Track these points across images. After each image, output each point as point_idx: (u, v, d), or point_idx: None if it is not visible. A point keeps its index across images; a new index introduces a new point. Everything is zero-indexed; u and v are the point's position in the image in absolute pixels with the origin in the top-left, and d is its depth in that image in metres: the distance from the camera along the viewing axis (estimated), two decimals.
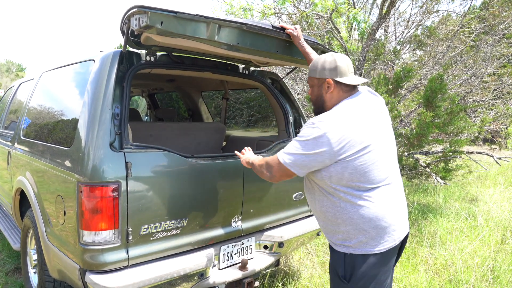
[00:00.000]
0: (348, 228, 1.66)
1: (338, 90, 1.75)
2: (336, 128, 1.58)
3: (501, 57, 7.25)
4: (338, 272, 1.72)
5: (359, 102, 1.73)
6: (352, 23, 6.96)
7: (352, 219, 1.64)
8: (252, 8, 6.38)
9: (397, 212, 1.71)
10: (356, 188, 1.62)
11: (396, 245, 1.71)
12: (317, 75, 1.78)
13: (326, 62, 1.76)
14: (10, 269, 3.42)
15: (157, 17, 1.70)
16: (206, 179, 2.25)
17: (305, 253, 3.66)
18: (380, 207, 1.64)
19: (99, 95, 1.97)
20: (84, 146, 1.92)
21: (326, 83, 1.75)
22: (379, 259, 1.67)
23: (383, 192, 1.66)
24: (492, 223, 4.47)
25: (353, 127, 1.61)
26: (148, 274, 1.93)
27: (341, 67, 1.73)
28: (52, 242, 2.21)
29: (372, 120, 1.70)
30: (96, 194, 1.84)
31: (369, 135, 1.63)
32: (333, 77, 1.73)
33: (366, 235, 1.64)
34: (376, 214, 1.63)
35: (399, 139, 5.70)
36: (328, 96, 1.77)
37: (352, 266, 1.68)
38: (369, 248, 1.65)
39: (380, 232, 1.65)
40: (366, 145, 1.61)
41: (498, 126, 7.77)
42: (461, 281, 3.06)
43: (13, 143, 3.16)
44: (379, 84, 5.45)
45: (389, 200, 1.69)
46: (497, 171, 8.17)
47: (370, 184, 1.63)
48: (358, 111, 1.68)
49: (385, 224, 1.65)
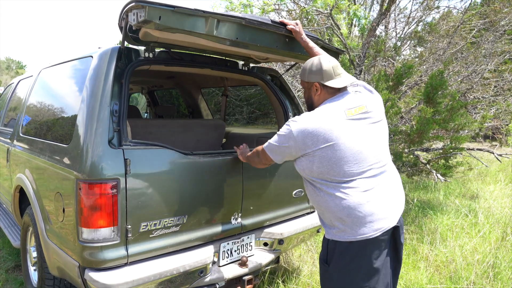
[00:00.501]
0: (329, 215, 1.78)
1: (324, 92, 1.87)
2: (302, 126, 1.73)
3: (502, 53, 7.22)
4: (322, 255, 1.86)
5: (338, 103, 1.81)
6: (352, 19, 6.94)
7: (330, 207, 1.75)
8: (252, 5, 6.35)
9: (378, 205, 1.73)
10: (329, 180, 1.73)
11: (376, 237, 1.71)
12: (306, 79, 1.91)
13: (313, 66, 1.87)
14: (10, 267, 3.42)
15: (155, 11, 1.68)
16: (206, 176, 2.24)
17: (305, 250, 3.66)
18: (354, 198, 1.70)
19: (98, 92, 1.96)
20: (82, 143, 1.91)
21: (314, 86, 1.88)
22: (357, 248, 1.72)
23: (360, 185, 1.71)
24: (492, 220, 4.47)
25: (319, 125, 1.71)
26: (148, 272, 1.93)
27: (326, 71, 1.83)
28: (51, 240, 2.20)
29: (345, 119, 1.75)
30: (95, 191, 1.83)
31: (337, 133, 1.70)
32: (319, 81, 1.85)
33: (343, 223, 1.73)
34: (349, 204, 1.70)
35: (399, 136, 5.69)
36: (316, 98, 1.90)
37: (332, 252, 1.79)
38: (347, 236, 1.73)
39: (355, 221, 1.70)
40: (332, 142, 1.69)
41: (499, 123, 7.74)
42: (462, 278, 3.05)
43: (12, 141, 3.15)
44: (380, 80, 5.43)
45: (367, 192, 1.72)
46: (497, 168, 8.16)
47: (342, 177, 1.71)
48: (331, 111, 1.77)
49: (360, 214, 1.69)
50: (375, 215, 1.71)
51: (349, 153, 1.71)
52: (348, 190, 1.71)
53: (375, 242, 1.73)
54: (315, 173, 1.76)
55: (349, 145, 1.71)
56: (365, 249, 1.73)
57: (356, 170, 1.71)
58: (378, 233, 1.72)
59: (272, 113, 7.05)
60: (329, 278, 1.82)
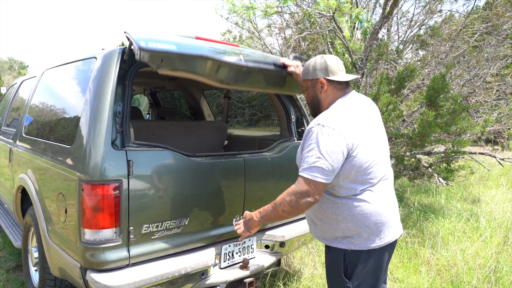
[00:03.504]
0: (348, 224, 1.69)
1: (331, 88, 1.82)
2: (343, 125, 1.65)
3: (505, 57, 7.21)
4: (339, 270, 1.73)
5: (353, 101, 1.80)
6: (355, 22, 6.94)
7: (353, 215, 1.68)
8: (255, 7, 6.36)
9: (393, 209, 1.79)
10: (360, 182, 1.67)
11: (394, 240, 1.78)
12: (310, 77, 1.85)
13: (317, 63, 1.83)
14: (11, 267, 3.43)
15: (158, 57, 1.72)
16: (208, 178, 2.24)
17: (306, 253, 3.65)
18: (380, 202, 1.70)
19: (101, 93, 1.97)
20: (85, 144, 1.91)
21: (319, 83, 1.82)
22: (379, 254, 1.74)
23: (382, 188, 1.73)
24: (494, 224, 4.45)
25: (354, 124, 1.68)
26: (149, 273, 1.93)
27: (332, 66, 1.80)
28: (53, 240, 2.20)
29: (367, 119, 1.78)
30: (98, 192, 1.83)
31: (366, 133, 1.71)
32: (325, 76, 1.80)
33: (368, 230, 1.69)
34: (376, 209, 1.69)
35: (401, 139, 5.68)
36: (323, 96, 1.83)
37: (354, 262, 1.71)
38: (370, 243, 1.70)
39: (380, 227, 1.70)
40: (367, 142, 1.69)
41: (501, 127, 7.73)
42: (463, 283, 3.04)
43: (15, 141, 3.16)
44: (382, 83, 5.43)
45: (387, 196, 1.76)
46: (499, 172, 8.14)
47: (372, 179, 1.69)
48: (354, 110, 1.76)
49: (385, 219, 1.71)
50: (392, 220, 1.76)
51: (377, 154, 1.72)
52: (373, 194, 1.68)
53: (392, 245, 1.80)
54: (351, 176, 1.65)
55: (376, 145, 1.74)
56: (385, 253, 1.77)
57: (380, 172, 1.73)
58: (397, 236, 1.79)
59: (274, 116, 7.06)
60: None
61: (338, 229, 1.73)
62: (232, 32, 10.16)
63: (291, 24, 7.17)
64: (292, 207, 1.66)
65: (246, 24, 7.84)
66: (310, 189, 1.61)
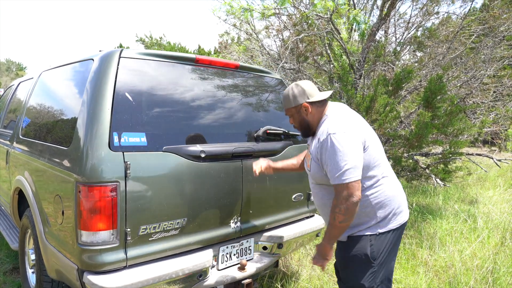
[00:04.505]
0: (378, 211, 1.88)
1: (315, 108, 1.99)
2: (350, 126, 1.83)
3: (501, 59, 7.25)
4: (366, 255, 1.87)
5: (340, 108, 1.99)
6: (352, 24, 6.96)
7: (380, 201, 1.88)
8: (252, 9, 6.37)
9: (402, 192, 2.05)
10: (380, 174, 1.89)
11: (407, 220, 2.04)
12: (293, 104, 2.01)
13: (295, 91, 2.00)
14: (8, 269, 3.41)
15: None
16: (205, 179, 2.24)
17: (304, 254, 3.65)
18: (396, 187, 1.98)
19: (98, 95, 1.96)
20: (82, 146, 1.91)
21: (302, 107, 1.99)
22: (398, 233, 1.98)
23: (391, 175, 1.99)
24: (491, 225, 4.47)
25: (357, 124, 1.88)
26: (147, 275, 1.92)
27: (309, 90, 1.99)
28: (50, 242, 2.20)
29: (361, 120, 1.99)
30: (95, 194, 1.83)
31: (368, 132, 1.92)
32: (307, 100, 1.98)
33: (392, 211, 1.91)
34: (394, 193, 1.94)
35: (398, 140, 5.69)
36: (310, 117, 2.00)
37: (379, 244, 1.89)
38: (393, 223, 1.92)
39: (400, 207, 1.96)
40: (372, 139, 1.90)
41: (498, 128, 7.76)
42: (461, 283, 3.05)
43: (12, 142, 3.15)
44: (379, 85, 5.44)
45: (396, 182, 2.02)
46: (496, 173, 8.17)
47: (384, 169, 1.92)
48: (348, 114, 1.95)
49: (402, 200, 2.00)
50: (405, 201, 2.06)
51: (380, 151, 1.94)
52: (390, 180, 1.95)
53: (405, 224, 2.03)
54: (370, 168, 1.84)
55: (377, 144, 1.93)
56: (401, 231, 2.00)
57: (387, 166, 1.98)
58: (407, 217, 2.05)
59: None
60: (373, 272, 1.88)
61: (366, 218, 1.89)
62: (230, 34, 10.17)
63: (288, 26, 7.18)
64: (344, 214, 1.76)
65: (244, 26, 7.86)
66: (349, 192, 1.74)
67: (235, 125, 2.52)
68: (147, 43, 15.87)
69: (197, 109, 2.32)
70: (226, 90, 2.56)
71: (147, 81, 2.15)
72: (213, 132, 2.36)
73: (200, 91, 2.39)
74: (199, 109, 2.33)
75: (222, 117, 2.45)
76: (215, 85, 2.51)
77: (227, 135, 2.42)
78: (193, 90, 2.36)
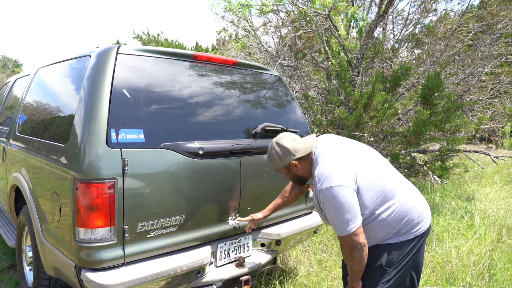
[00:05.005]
0: (398, 225, 1.85)
1: (303, 161, 1.97)
2: (342, 173, 1.77)
3: (499, 56, 7.27)
4: (382, 261, 1.86)
5: (325, 145, 1.94)
6: (351, 21, 6.95)
7: (398, 218, 1.84)
8: (250, 5, 6.35)
9: (419, 200, 1.96)
10: (391, 195, 1.84)
11: (429, 226, 1.98)
12: (281, 165, 2.00)
13: (278, 152, 1.97)
14: (5, 266, 3.40)
15: None
16: (204, 176, 2.23)
17: (302, 250, 3.66)
18: (410, 199, 1.89)
19: (96, 91, 1.95)
20: (80, 143, 1.90)
21: (291, 165, 1.97)
22: (422, 239, 1.93)
23: (405, 188, 1.92)
24: (488, 222, 4.49)
25: (346, 162, 1.83)
26: (145, 272, 1.92)
27: (292, 147, 1.95)
28: (47, 239, 2.19)
29: (348, 147, 1.95)
30: (92, 191, 1.82)
31: (361, 160, 1.88)
32: (293, 158, 1.95)
33: (411, 223, 1.86)
34: (410, 205, 1.87)
35: (396, 137, 5.71)
36: (301, 171, 1.99)
37: (399, 252, 1.86)
38: (413, 233, 1.87)
39: (420, 216, 1.89)
40: (367, 166, 1.86)
41: (495, 125, 7.79)
42: (458, 279, 3.07)
43: (9, 140, 3.13)
44: (377, 82, 5.45)
45: (411, 192, 1.94)
46: (493, 170, 8.21)
47: (393, 188, 1.86)
48: (335, 150, 1.90)
49: (420, 208, 1.91)
50: (427, 210, 2.00)
51: (381, 166, 1.93)
52: (404, 192, 1.90)
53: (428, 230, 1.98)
54: (379, 194, 1.83)
55: (375, 160, 1.94)
56: (424, 239, 1.94)
57: (391, 182, 1.91)
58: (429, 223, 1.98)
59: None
60: (388, 279, 1.87)
61: (385, 234, 1.87)
62: (228, 31, 10.14)
63: (287, 22, 7.16)
64: (353, 260, 1.81)
65: (241, 22, 7.83)
66: (351, 242, 1.76)
67: (233, 122, 2.51)
68: (145, 39, 15.82)
69: (195, 106, 2.31)
70: (224, 87, 2.55)
71: (144, 77, 2.14)
72: (211, 129, 2.35)
73: (198, 87, 2.38)
74: (197, 106, 2.32)
75: (220, 114, 2.45)
76: (213, 81, 2.50)
77: (225, 132, 2.42)
78: (191, 86, 2.35)
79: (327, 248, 3.73)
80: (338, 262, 3.43)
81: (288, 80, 7.18)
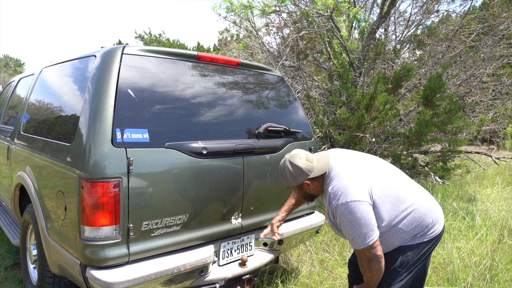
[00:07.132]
0: (413, 231, 1.90)
1: (316, 181, 1.97)
2: (357, 187, 1.80)
3: (501, 57, 7.27)
4: (396, 263, 1.90)
5: (338, 161, 1.96)
6: (353, 22, 6.97)
7: (413, 224, 1.89)
8: (252, 6, 6.37)
9: (433, 205, 2.00)
10: (405, 206, 1.89)
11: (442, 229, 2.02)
12: (294, 184, 1.99)
13: (292, 171, 1.96)
14: (10, 264, 3.42)
15: None
16: (207, 176, 2.25)
17: (304, 250, 3.67)
18: (425, 204, 1.94)
19: (101, 91, 1.97)
20: (85, 142, 1.92)
21: (305, 185, 1.97)
22: (435, 242, 1.98)
23: (418, 195, 1.97)
24: (489, 223, 4.50)
25: (360, 177, 1.85)
26: (149, 270, 1.94)
27: (306, 167, 1.93)
28: (52, 238, 2.21)
29: (359, 161, 1.99)
30: (98, 190, 1.84)
31: (374, 172, 1.93)
32: (307, 178, 1.94)
33: (426, 227, 1.91)
34: (424, 211, 1.92)
35: (397, 138, 5.72)
36: (313, 190, 2.00)
37: (413, 253, 1.91)
38: (428, 236, 1.93)
39: (434, 220, 1.94)
40: (380, 179, 1.90)
41: (497, 126, 7.80)
42: (459, 280, 3.08)
43: (13, 139, 3.15)
44: (379, 83, 5.46)
45: (425, 198, 1.97)
46: (495, 171, 8.21)
47: (408, 197, 1.90)
48: (347, 166, 1.93)
49: (434, 212, 1.96)
50: (437, 219, 2.01)
51: (393, 176, 1.98)
52: (419, 199, 1.95)
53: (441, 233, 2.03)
54: (394, 204, 1.87)
55: (387, 171, 2.00)
56: (435, 242, 1.99)
57: (407, 190, 1.96)
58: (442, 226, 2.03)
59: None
60: (401, 280, 1.92)
61: (401, 240, 1.91)
62: (230, 31, 10.16)
63: (289, 23, 7.18)
64: (372, 271, 1.84)
65: (244, 23, 7.85)
66: (369, 255, 1.79)
67: (237, 122, 2.53)
68: (146, 39, 15.85)
69: (198, 106, 2.33)
70: (227, 87, 2.57)
71: (149, 77, 2.16)
72: (215, 129, 2.37)
73: (202, 88, 2.40)
74: (201, 106, 2.34)
75: (224, 114, 2.46)
76: (216, 82, 2.52)
77: (228, 132, 2.43)
78: (195, 87, 2.37)
79: (329, 248, 3.75)
80: (340, 262, 3.44)
81: (290, 81, 7.19)
